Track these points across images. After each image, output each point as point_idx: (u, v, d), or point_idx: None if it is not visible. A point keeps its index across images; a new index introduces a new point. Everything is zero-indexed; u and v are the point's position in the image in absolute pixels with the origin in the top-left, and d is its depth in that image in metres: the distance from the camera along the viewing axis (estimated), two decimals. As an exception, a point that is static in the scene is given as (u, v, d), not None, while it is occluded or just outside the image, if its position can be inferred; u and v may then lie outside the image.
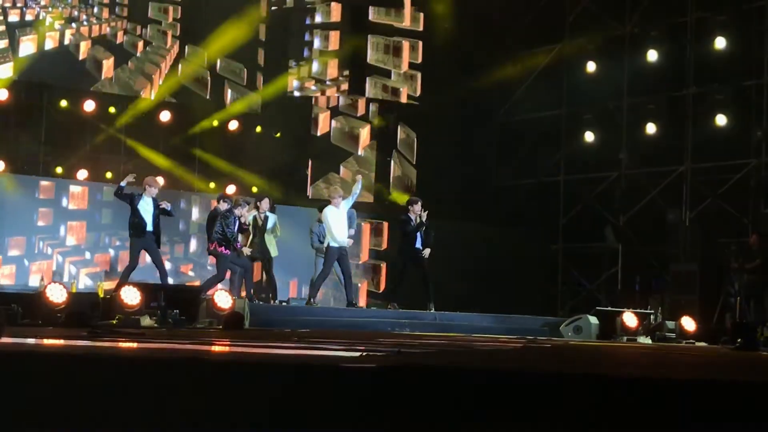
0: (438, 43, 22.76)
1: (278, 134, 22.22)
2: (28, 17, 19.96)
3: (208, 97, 21.65)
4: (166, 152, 20.78)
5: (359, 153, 23.02)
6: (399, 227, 17.25)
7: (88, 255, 19.99)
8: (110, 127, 20.49)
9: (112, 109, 20.50)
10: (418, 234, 16.65)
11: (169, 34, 21.59)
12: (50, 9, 20.14)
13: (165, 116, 20.94)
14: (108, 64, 20.78)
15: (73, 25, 20.49)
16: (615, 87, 21.82)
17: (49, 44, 20.13)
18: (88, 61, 20.64)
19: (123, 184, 15.04)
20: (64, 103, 20.02)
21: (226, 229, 15.42)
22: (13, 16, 19.87)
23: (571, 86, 22.74)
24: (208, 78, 21.74)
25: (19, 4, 19.88)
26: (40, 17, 20.03)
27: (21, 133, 19.69)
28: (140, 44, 21.23)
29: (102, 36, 20.82)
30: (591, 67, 22.28)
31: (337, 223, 16.16)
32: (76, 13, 20.53)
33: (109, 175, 20.43)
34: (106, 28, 20.91)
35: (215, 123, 21.41)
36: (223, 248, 15.47)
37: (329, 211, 16.22)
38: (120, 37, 21.01)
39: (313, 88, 23.04)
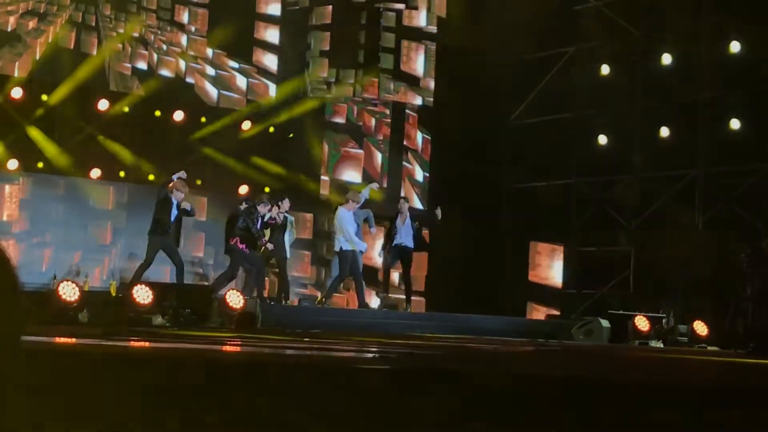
0: (451, 45, 22.77)
1: (291, 135, 22.25)
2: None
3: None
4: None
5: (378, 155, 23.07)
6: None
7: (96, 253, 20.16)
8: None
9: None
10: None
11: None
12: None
13: (178, 116, 21.07)
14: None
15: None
16: (628, 90, 21.77)
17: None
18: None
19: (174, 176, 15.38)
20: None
21: (251, 225, 15.47)
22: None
23: (584, 89, 22.69)
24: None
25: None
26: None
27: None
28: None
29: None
30: (605, 70, 22.24)
31: (351, 225, 16.18)
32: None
33: (122, 174, 20.59)
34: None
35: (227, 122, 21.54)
36: (244, 245, 15.51)
37: (343, 214, 16.22)
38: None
39: (325, 87, 23.06)
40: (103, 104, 20.34)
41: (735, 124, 20.00)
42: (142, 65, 21.06)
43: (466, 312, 17.18)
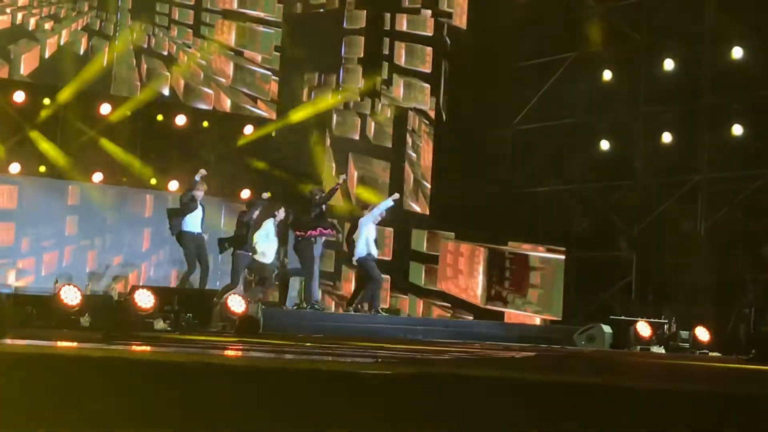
0: (455, 50, 22.80)
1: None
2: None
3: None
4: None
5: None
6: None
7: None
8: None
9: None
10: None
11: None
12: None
13: (180, 120, 21.14)
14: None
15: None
16: (631, 96, 21.77)
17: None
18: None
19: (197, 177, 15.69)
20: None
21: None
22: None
23: (586, 95, 22.68)
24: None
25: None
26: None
27: None
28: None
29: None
30: (607, 75, 22.23)
31: (372, 234, 16.53)
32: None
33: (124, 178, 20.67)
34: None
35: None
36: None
37: (367, 222, 16.44)
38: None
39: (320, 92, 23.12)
40: (105, 108, 20.37)
41: (737, 129, 19.98)
42: (144, 69, 21.10)
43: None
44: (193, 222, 15.59)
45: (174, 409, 4.13)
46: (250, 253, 16.05)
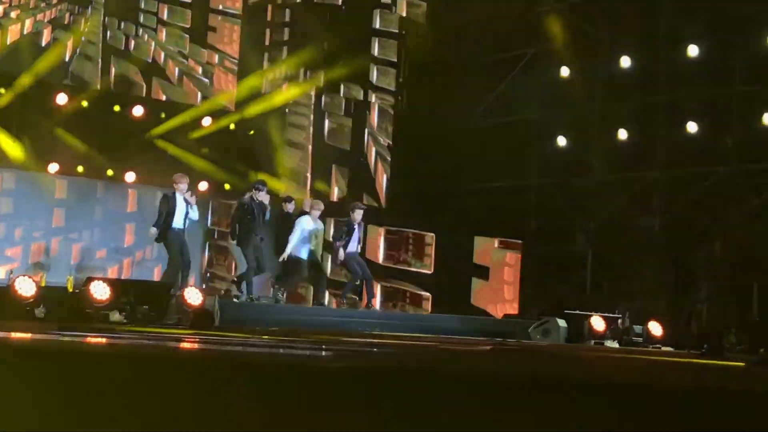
0: (414, 45, 22.84)
1: (252, 132, 22.22)
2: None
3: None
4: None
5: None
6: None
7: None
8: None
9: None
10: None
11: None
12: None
13: (137, 111, 21.00)
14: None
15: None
16: (588, 92, 21.91)
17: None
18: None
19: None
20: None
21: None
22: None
23: (544, 90, 22.81)
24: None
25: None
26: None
27: None
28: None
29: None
30: (564, 72, 22.36)
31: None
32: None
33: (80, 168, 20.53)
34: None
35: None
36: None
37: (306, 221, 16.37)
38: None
39: (287, 85, 23.04)
40: (61, 98, 20.21)
41: (692, 126, 20.19)
42: (102, 60, 20.96)
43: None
44: (176, 219, 15.53)
45: (121, 398, 4.13)
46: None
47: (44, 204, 20.26)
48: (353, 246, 16.59)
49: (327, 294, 16.72)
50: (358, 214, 16.76)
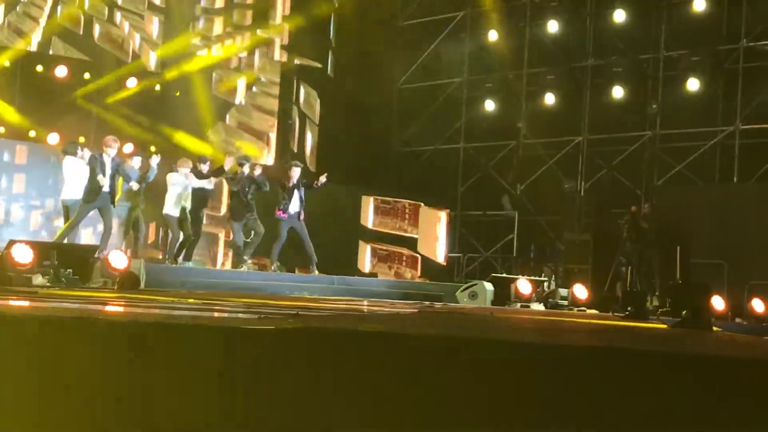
0: (341, 7, 22.72)
1: (177, 93, 21.93)
2: None
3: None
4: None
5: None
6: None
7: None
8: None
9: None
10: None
11: None
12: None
13: (61, 71, 20.61)
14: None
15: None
16: (516, 57, 22.02)
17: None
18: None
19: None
20: None
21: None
22: None
23: (472, 54, 22.88)
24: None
25: None
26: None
27: None
28: None
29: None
30: (493, 36, 22.42)
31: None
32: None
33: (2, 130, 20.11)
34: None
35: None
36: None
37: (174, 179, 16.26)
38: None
39: (212, 46, 22.76)
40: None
41: (618, 92, 20.41)
42: (24, 19, 20.50)
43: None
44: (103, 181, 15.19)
45: (47, 363, 4.08)
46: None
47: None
48: (294, 207, 16.31)
49: (183, 254, 16.49)
50: (295, 173, 16.46)
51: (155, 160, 15.96)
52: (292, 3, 23.08)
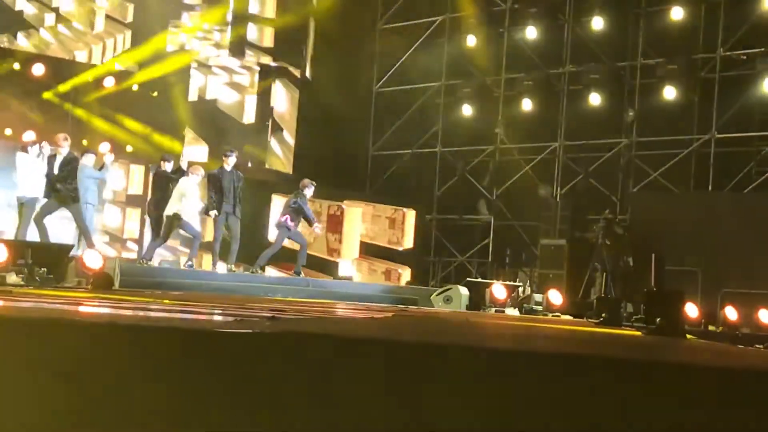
0: (320, 9, 22.70)
1: (155, 93, 21.87)
2: None
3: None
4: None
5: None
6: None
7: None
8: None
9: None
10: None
11: None
12: None
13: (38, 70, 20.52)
14: None
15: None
16: (493, 62, 22.08)
17: None
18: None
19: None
20: None
21: (303, 206, 16.46)
22: None
23: (450, 59, 22.92)
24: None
25: None
26: None
27: None
28: None
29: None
30: (471, 41, 22.47)
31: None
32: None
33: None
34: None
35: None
36: (293, 223, 16.38)
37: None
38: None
39: (189, 47, 22.70)
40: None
41: (595, 99, 20.49)
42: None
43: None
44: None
45: (21, 362, 4.05)
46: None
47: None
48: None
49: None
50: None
51: (109, 158, 15.94)
52: (271, 5, 23.04)
